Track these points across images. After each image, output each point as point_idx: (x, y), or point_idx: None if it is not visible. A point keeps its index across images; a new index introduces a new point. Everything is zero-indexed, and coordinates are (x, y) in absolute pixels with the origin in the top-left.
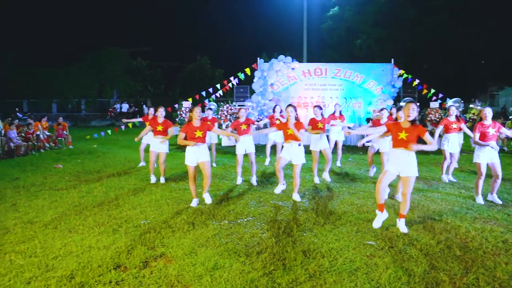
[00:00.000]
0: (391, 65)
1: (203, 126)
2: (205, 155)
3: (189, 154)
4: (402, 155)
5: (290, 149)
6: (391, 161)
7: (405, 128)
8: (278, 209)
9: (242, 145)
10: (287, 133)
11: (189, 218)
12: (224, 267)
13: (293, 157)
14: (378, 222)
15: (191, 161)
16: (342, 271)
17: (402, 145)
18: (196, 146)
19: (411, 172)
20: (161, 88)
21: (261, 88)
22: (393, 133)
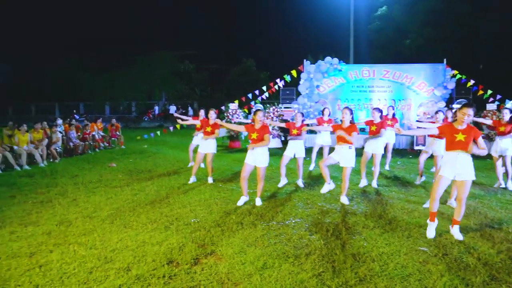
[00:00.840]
0: (443, 65)
1: (261, 129)
2: (263, 160)
3: (249, 153)
4: (459, 158)
5: (341, 151)
6: (446, 165)
7: (461, 129)
8: (326, 212)
9: (292, 148)
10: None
11: (238, 218)
12: (273, 267)
13: (343, 159)
14: (432, 231)
15: (249, 160)
16: (394, 276)
17: (459, 147)
18: (256, 148)
19: (468, 176)
20: (207, 90)
21: (307, 90)
22: (448, 135)
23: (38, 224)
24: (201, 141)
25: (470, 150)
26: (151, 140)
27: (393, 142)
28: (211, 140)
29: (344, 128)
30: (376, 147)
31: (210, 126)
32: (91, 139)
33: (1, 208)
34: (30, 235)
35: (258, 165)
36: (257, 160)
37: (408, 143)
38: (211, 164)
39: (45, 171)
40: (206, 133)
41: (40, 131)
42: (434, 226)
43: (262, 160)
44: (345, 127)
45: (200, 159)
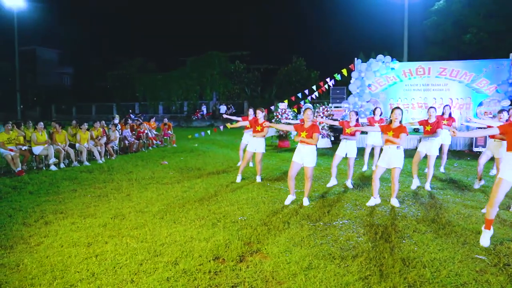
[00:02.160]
0: (508, 61)
1: (311, 128)
2: (311, 160)
3: (296, 152)
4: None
5: (388, 152)
6: (507, 167)
7: None
8: (375, 214)
9: (344, 148)
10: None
11: (284, 218)
12: (319, 268)
13: (391, 160)
14: (487, 240)
15: (296, 159)
16: (447, 284)
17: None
18: (302, 146)
19: None
20: (257, 90)
21: (358, 90)
22: (511, 135)
23: (95, 217)
24: (251, 139)
25: None
26: (201, 139)
27: (448, 143)
28: (260, 139)
29: (393, 128)
30: (430, 148)
31: (260, 125)
32: (145, 138)
33: (64, 200)
34: (88, 226)
35: (306, 164)
36: (305, 160)
37: (467, 144)
38: (260, 163)
39: (102, 167)
40: (256, 132)
41: (99, 130)
42: (490, 235)
43: (310, 160)
44: (394, 128)
45: (248, 158)
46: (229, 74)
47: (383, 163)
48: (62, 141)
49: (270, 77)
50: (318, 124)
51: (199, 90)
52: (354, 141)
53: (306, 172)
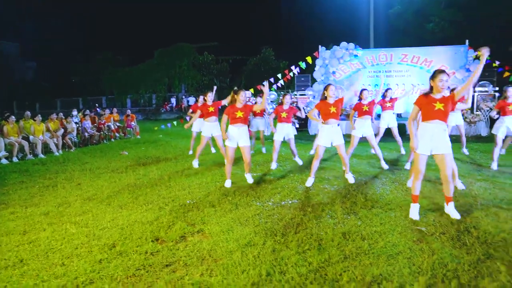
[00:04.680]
0: (465, 47)
1: (245, 107)
2: (246, 139)
3: (230, 135)
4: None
5: (330, 130)
6: (422, 139)
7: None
8: (326, 193)
9: (281, 132)
10: (329, 112)
11: (234, 199)
12: (257, 245)
13: (334, 138)
14: (414, 213)
15: (231, 143)
16: (381, 254)
17: (437, 116)
18: (237, 128)
19: (445, 149)
20: (226, 81)
21: (322, 77)
22: (424, 107)
23: (39, 206)
24: (204, 125)
25: None
26: (167, 131)
27: (395, 125)
28: (214, 123)
29: (332, 104)
30: (366, 129)
31: (211, 106)
32: (107, 130)
33: (8, 192)
34: (28, 215)
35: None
36: (335, 139)
37: None
38: (223, 147)
39: (58, 159)
40: (209, 114)
41: (56, 122)
42: (417, 208)
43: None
44: (333, 103)
45: (204, 142)
46: (197, 66)
47: (325, 142)
48: (14, 134)
49: (239, 68)
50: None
51: (168, 82)
52: (290, 124)
53: (243, 152)
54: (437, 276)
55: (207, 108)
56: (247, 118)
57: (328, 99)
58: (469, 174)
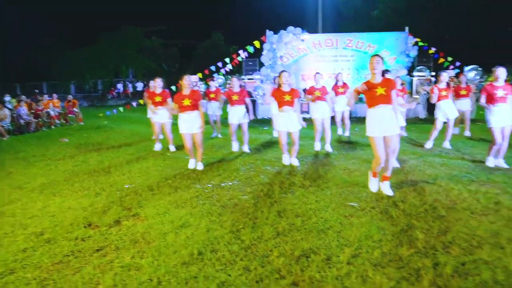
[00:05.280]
0: (405, 34)
1: (191, 95)
2: (197, 125)
3: (181, 123)
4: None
5: (287, 116)
6: (369, 124)
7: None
8: (266, 174)
9: (235, 115)
10: (283, 100)
11: (174, 183)
12: (192, 226)
13: (291, 124)
14: (373, 185)
15: (185, 129)
16: (313, 229)
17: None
18: (187, 115)
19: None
20: (176, 66)
21: (270, 61)
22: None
23: None
24: (155, 112)
25: None
26: (113, 117)
27: (348, 109)
28: (162, 110)
29: (288, 92)
30: (323, 112)
31: (158, 96)
32: (46, 116)
33: None
34: None
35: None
36: (291, 125)
37: None
38: (170, 134)
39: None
40: (156, 104)
41: None
42: (376, 181)
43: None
44: (288, 91)
45: (157, 129)
46: (145, 50)
47: (283, 127)
48: None
49: (188, 53)
50: None
51: (114, 67)
52: (243, 107)
53: (194, 138)
54: (362, 247)
55: (154, 96)
56: (196, 105)
57: (282, 86)
58: (404, 153)
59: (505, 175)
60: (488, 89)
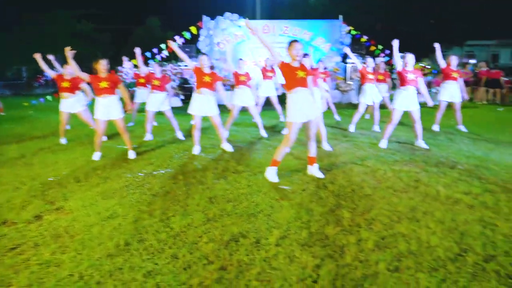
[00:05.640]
0: (339, 22)
1: (108, 77)
2: (115, 110)
3: (98, 108)
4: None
5: (203, 99)
6: (290, 108)
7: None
8: (200, 161)
9: (154, 102)
10: (202, 80)
11: (104, 173)
12: (120, 216)
13: (207, 108)
14: (273, 176)
15: (101, 115)
16: (243, 214)
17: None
18: (105, 99)
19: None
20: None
21: (207, 48)
22: (286, 76)
23: None
24: (63, 101)
25: None
26: (41, 106)
27: (274, 94)
28: (72, 99)
29: (207, 73)
30: (244, 99)
31: (66, 81)
32: None
33: None
34: None
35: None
36: (208, 110)
37: None
38: (91, 120)
39: None
40: (62, 90)
41: None
42: (275, 171)
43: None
44: (209, 73)
45: (65, 119)
46: (76, 35)
47: (197, 111)
48: None
49: (124, 39)
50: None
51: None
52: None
53: (116, 124)
54: (291, 228)
55: (62, 81)
56: (114, 88)
57: (202, 68)
58: (336, 137)
59: (425, 155)
60: (401, 73)
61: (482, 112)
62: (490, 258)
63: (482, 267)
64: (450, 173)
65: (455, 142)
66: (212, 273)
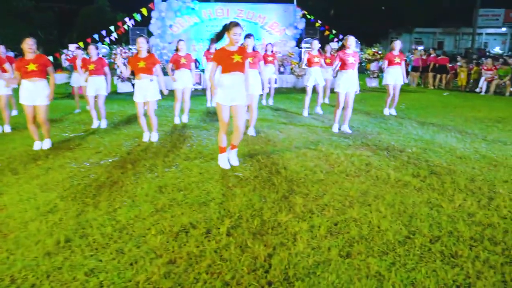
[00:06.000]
0: (293, 6)
1: (36, 59)
2: (41, 96)
3: (23, 92)
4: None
5: (142, 85)
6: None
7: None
8: (151, 148)
9: (92, 86)
10: (138, 67)
11: (46, 163)
12: (61, 210)
13: (147, 94)
14: (223, 162)
15: (25, 100)
16: (194, 203)
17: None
18: (31, 83)
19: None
20: (54, 33)
21: (159, 30)
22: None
23: None
24: None
25: None
26: None
27: (275, 77)
28: None
29: (143, 58)
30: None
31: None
32: None
33: None
34: None
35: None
36: (36, 98)
37: None
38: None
39: None
40: None
41: None
42: (225, 157)
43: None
44: (144, 57)
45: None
46: (15, 14)
47: (139, 97)
48: None
49: (69, 19)
50: None
51: None
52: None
53: (37, 111)
54: (243, 217)
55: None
56: (43, 71)
57: (139, 53)
58: (291, 122)
59: (376, 139)
60: (341, 55)
61: (429, 96)
62: (436, 239)
63: (429, 248)
64: (399, 156)
65: (404, 126)
66: (160, 267)
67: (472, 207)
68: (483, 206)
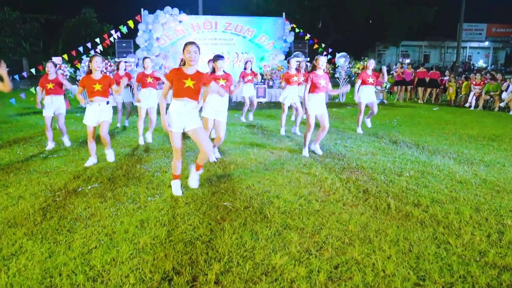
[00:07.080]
0: (282, 19)
1: None
2: None
3: None
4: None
5: (97, 109)
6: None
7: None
8: (133, 173)
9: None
10: (93, 90)
11: (17, 191)
12: (27, 252)
13: (101, 116)
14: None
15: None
16: (179, 241)
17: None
18: None
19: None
20: (39, 44)
21: (146, 43)
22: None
23: None
24: None
25: None
26: None
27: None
28: None
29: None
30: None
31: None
32: None
33: None
34: None
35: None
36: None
37: None
38: None
39: None
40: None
41: None
42: (179, 184)
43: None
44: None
45: None
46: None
47: (93, 122)
48: None
49: (54, 30)
50: None
51: None
52: None
53: None
54: (233, 259)
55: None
56: None
57: (93, 73)
58: (281, 141)
59: (371, 160)
60: (312, 78)
61: (419, 112)
62: (449, 286)
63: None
64: (397, 181)
65: (399, 146)
66: None
67: (482, 244)
68: (494, 242)
